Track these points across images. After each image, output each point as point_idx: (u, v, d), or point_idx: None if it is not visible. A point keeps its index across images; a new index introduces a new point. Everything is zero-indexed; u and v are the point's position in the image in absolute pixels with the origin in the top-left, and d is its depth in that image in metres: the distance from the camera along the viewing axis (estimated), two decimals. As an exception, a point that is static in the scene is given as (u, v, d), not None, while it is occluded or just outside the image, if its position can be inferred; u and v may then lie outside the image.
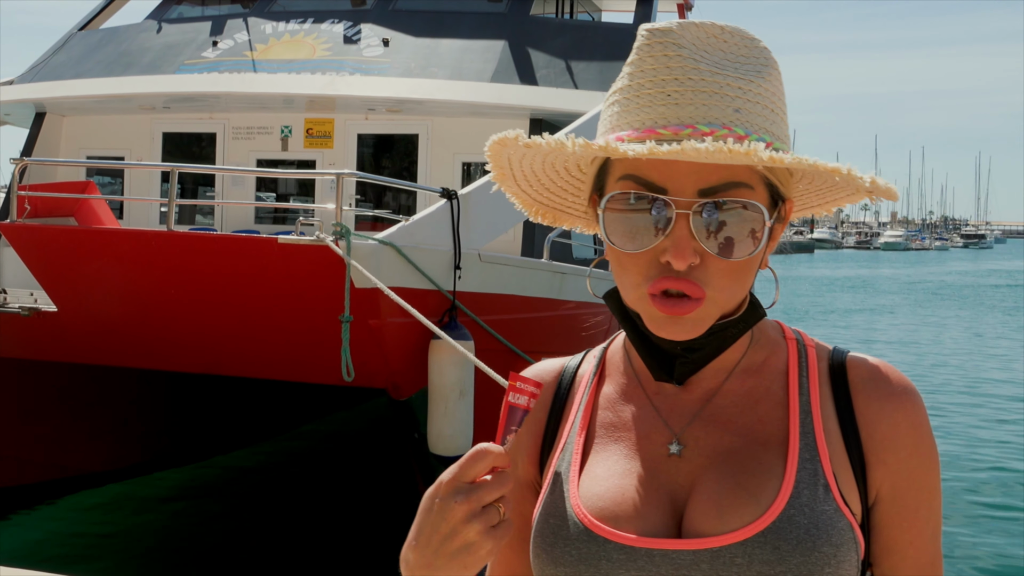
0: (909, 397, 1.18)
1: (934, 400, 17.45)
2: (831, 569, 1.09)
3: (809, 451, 1.14)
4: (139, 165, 11.41)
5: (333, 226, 6.87)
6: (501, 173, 1.24)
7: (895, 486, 1.16)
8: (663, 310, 1.10)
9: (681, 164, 1.08)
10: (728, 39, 1.15)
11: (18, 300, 8.00)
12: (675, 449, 1.18)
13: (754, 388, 1.20)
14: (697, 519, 1.12)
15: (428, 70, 11.41)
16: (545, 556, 1.16)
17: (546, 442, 1.28)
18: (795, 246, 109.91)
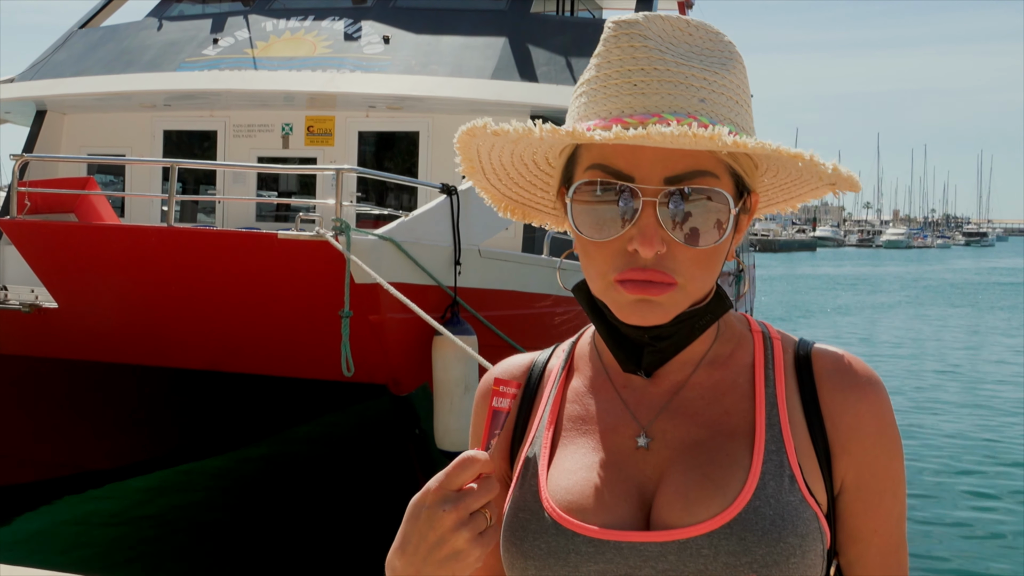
0: (872, 387, 1.19)
1: (936, 396, 17.45)
2: (796, 560, 1.09)
3: (775, 443, 1.15)
4: (138, 161, 11.41)
5: (333, 222, 6.88)
6: (470, 166, 1.25)
7: (860, 475, 1.17)
8: (632, 291, 1.10)
9: (647, 153, 1.10)
10: (693, 32, 1.16)
11: (19, 297, 8.01)
12: (643, 442, 1.18)
13: (721, 380, 1.21)
14: (664, 511, 1.13)
15: (429, 67, 11.40)
16: (515, 549, 1.17)
17: (516, 436, 1.29)
18: (798, 244, 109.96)
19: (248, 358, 7.92)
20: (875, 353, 24.23)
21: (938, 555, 8.91)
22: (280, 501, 10.10)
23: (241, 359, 7.95)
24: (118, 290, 7.50)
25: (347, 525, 9.14)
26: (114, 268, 7.39)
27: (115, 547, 8.61)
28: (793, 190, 1.26)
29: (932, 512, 10.20)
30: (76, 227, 8.04)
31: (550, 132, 1.09)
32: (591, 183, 1.12)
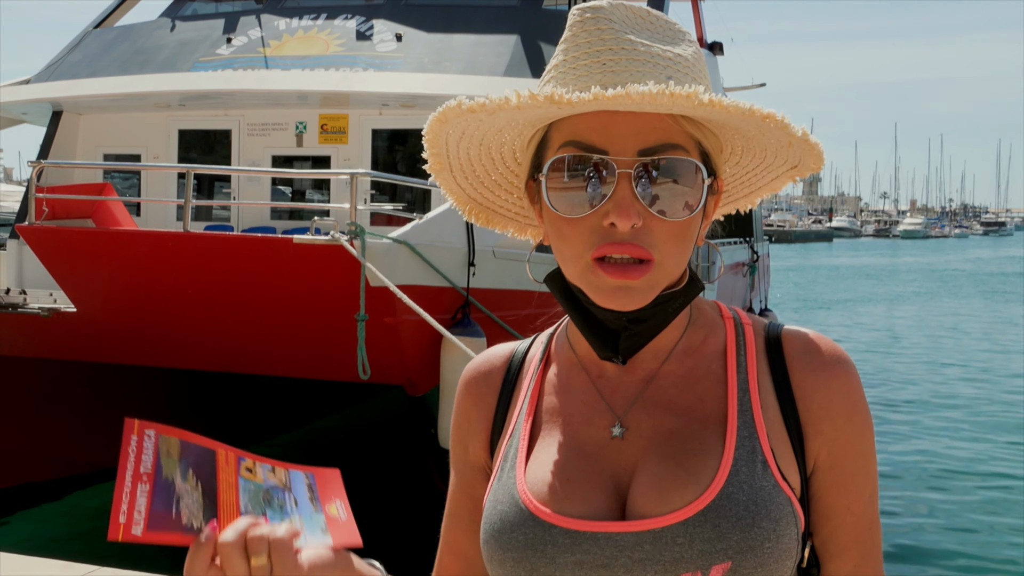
0: (842, 366, 1.19)
1: (951, 389, 17.39)
2: (771, 544, 1.10)
3: (747, 428, 1.16)
4: (155, 167, 11.49)
5: (348, 226, 6.92)
6: (438, 163, 1.24)
7: (832, 454, 1.18)
8: (612, 275, 1.11)
9: (620, 126, 1.11)
10: (654, 21, 1.18)
11: (38, 301, 8.09)
12: (618, 432, 1.19)
13: (693, 368, 1.22)
14: (640, 501, 1.14)
15: (441, 65, 11.42)
16: (493, 542, 1.18)
17: (496, 426, 1.29)
18: (814, 234, 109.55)
19: (264, 360, 7.99)
20: (892, 344, 24.16)
21: (960, 551, 8.93)
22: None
23: (257, 361, 8.02)
24: (136, 294, 7.57)
25: (361, 521, 9.19)
26: (132, 273, 7.46)
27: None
28: (754, 181, 1.28)
29: (945, 507, 10.21)
30: (94, 232, 8.11)
31: (529, 98, 1.08)
32: (566, 159, 1.13)
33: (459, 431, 1.33)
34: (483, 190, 1.30)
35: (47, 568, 5.47)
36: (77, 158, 12.05)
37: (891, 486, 10.93)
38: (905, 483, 11.10)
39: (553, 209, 1.14)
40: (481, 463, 1.30)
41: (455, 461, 1.34)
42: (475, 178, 1.28)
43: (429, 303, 6.95)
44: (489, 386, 1.32)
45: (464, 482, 1.32)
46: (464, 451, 1.32)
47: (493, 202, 1.32)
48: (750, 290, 20.42)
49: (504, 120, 1.17)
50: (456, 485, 1.33)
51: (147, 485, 0.95)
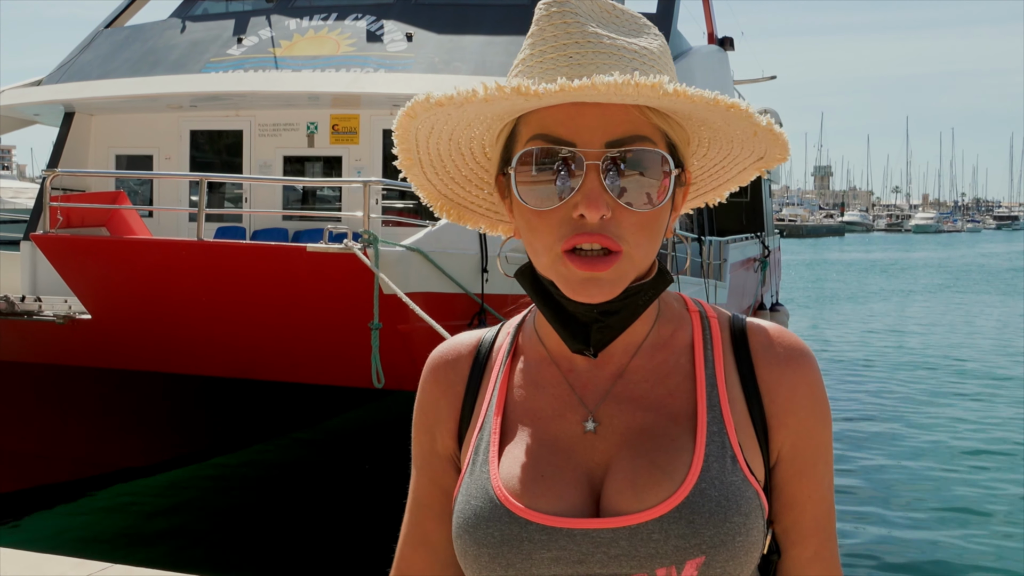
0: (806, 359, 1.22)
1: (960, 387, 17.34)
2: (742, 538, 1.13)
3: (716, 424, 1.18)
4: (170, 175, 11.54)
5: (362, 234, 6.94)
6: (408, 159, 1.25)
7: (795, 445, 1.21)
8: (581, 267, 1.11)
9: (587, 119, 1.11)
10: (620, 16, 1.19)
11: (53, 308, 8.12)
12: (590, 426, 1.19)
13: (663, 363, 1.23)
14: (614, 498, 1.15)
15: (452, 65, 11.41)
16: (468, 537, 1.17)
17: (464, 415, 1.28)
18: (826, 229, 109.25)
19: (278, 367, 8.02)
20: (899, 341, 24.11)
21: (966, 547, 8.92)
22: (303, 498, 10.22)
23: (271, 368, 8.05)
24: (150, 302, 7.60)
25: (369, 522, 9.23)
26: (146, 281, 7.50)
27: (145, 536, 8.76)
28: (722, 174, 1.28)
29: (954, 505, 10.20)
30: (107, 241, 8.14)
31: (496, 90, 1.08)
32: (534, 152, 1.13)
33: (425, 419, 1.31)
34: (454, 186, 1.30)
35: (59, 566, 5.51)
36: (89, 159, 12.09)
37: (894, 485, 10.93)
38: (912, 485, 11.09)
39: (523, 202, 1.15)
40: (449, 453, 1.29)
41: (421, 451, 1.32)
42: (445, 174, 1.28)
43: (443, 310, 6.97)
44: (457, 375, 1.30)
45: (433, 472, 1.30)
46: (432, 440, 1.30)
47: (464, 198, 1.32)
48: (761, 285, 20.39)
49: (473, 114, 1.17)
50: (423, 475, 1.32)
51: None
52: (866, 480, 11.14)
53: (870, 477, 11.27)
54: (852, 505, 10.08)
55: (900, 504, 10.25)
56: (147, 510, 9.71)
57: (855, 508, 10.04)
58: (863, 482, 11.04)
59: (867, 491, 10.67)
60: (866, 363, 19.75)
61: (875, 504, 10.23)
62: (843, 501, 10.25)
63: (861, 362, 19.87)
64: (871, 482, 11.07)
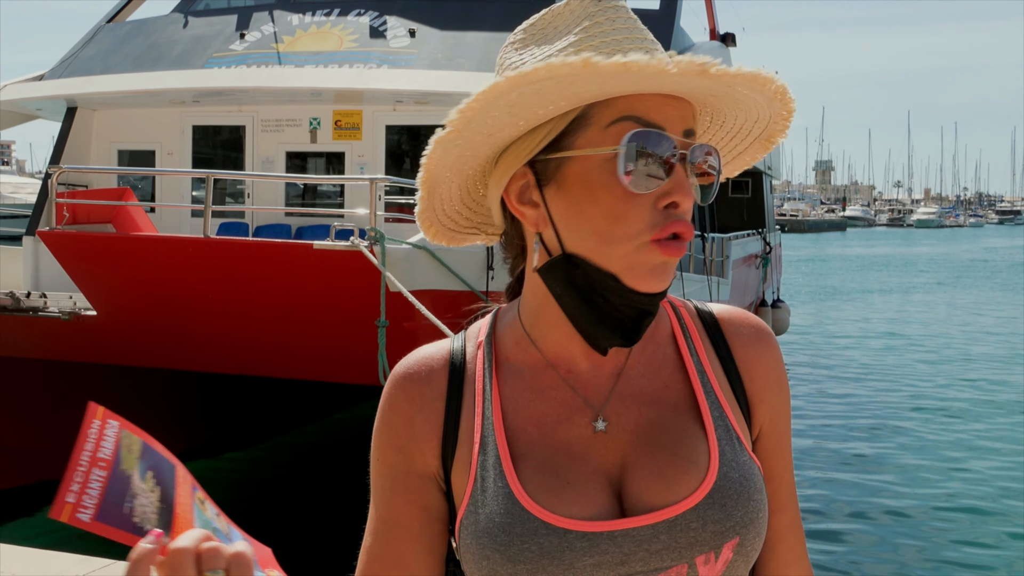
0: (772, 337, 1.29)
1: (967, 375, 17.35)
2: (763, 512, 1.17)
3: (716, 409, 1.21)
4: (175, 172, 11.55)
5: (368, 231, 6.95)
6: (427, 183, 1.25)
7: (773, 420, 1.26)
8: (668, 253, 1.12)
9: (672, 108, 1.13)
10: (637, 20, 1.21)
11: (58, 304, 8.13)
12: (601, 426, 1.19)
13: (653, 356, 1.25)
14: (644, 494, 1.15)
15: (455, 61, 11.41)
16: (499, 557, 1.13)
17: (448, 433, 1.22)
18: (827, 224, 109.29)
19: (284, 363, 8.03)
20: (905, 337, 24.12)
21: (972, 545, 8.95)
22: (307, 494, 10.25)
23: (277, 364, 8.06)
24: (156, 299, 7.61)
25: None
26: (152, 277, 7.51)
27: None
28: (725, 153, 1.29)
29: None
30: (114, 238, 8.15)
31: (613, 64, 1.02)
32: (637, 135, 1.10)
33: (397, 438, 1.23)
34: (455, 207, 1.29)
35: (61, 562, 5.51)
36: (92, 154, 12.08)
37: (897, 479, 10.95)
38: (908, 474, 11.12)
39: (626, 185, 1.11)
40: (431, 472, 1.22)
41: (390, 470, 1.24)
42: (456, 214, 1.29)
43: (449, 308, 6.97)
44: (433, 390, 1.23)
45: (409, 492, 1.23)
46: (407, 459, 1.23)
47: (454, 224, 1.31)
48: (763, 281, 20.40)
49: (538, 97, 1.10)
50: (395, 495, 1.23)
51: (104, 472, 0.89)
52: (867, 475, 11.16)
53: (871, 472, 11.29)
54: (854, 500, 10.10)
55: (901, 500, 10.27)
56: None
57: (857, 504, 10.06)
58: (865, 477, 11.06)
59: (868, 487, 10.69)
60: (868, 358, 19.78)
61: (877, 500, 10.25)
62: (845, 497, 10.27)
63: (863, 357, 19.90)
64: (872, 476, 11.09)
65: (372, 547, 1.25)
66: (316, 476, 11.03)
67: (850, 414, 14.39)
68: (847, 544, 8.90)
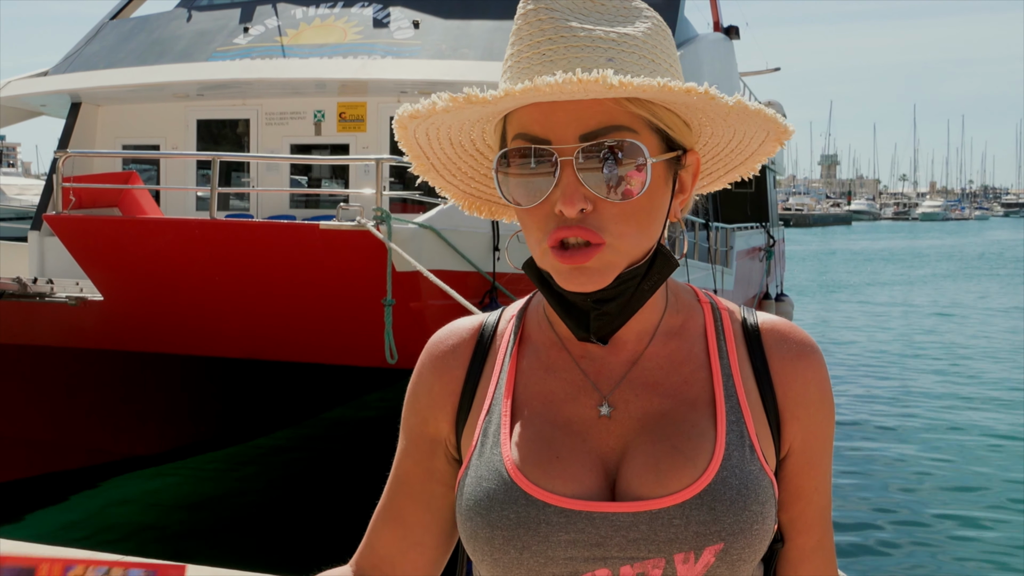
0: (816, 355, 1.26)
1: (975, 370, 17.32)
2: (758, 526, 1.15)
3: (734, 413, 1.20)
4: (180, 155, 11.56)
5: (374, 211, 6.95)
6: (421, 164, 1.27)
7: (805, 439, 1.24)
8: (563, 261, 1.13)
9: (560, 114, 1.12)
10: (604, 4, 1.18)
11: (65, 290, 8.13)
12: (605, 411, 1.20)
13: (677, 350, 1.24)
14: (635, 482, 1.16)
15: (459, 51, 11.42)
16: (480, 519, 1.17)
17: (464, 400, 1.28)
18: (832, 218, 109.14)
19: (291, 347, 8.03)
20: (910, 334, 24.08)
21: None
22: (316, 481, 10.24)
23: (284, 348, 8.06)
24: (163, 282, 7.62)
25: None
26: (159, 261, 7.51)
27: (157, 527, 8.78)
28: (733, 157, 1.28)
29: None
30: (121, 221, 8.16)
31: (449, 101, 1.11)
32: (511, 152, 1.15)
33: (417, 403, 1.31)
34: (472, 183, 1.31)
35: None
36: (96, 149, 12.09)
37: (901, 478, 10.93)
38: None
39: (509, 201, 1.17)
40: (442, 437, 1.29)
41: (408, 431, 1.33)
42: (460, 172, 1.30)
43: (455, 288, 6.97)
44: (456, 360, 1.30)
45: (419, 452, 1.31)
46: (422, 423, 1.31)
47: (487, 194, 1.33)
48: (766, 275, 20.40)
49: (456, 119, 1.20)
50: (406, 454, 1.33)
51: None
52: (871, 470, 11.14)
53: (874, 467, 11.27)
54: (858, 495, 10.07)
55: (904, 498, 10.25)
56: (161, 498, 9.73)
57: (861, 498, 10.04)
58: (868, 472, 11.04)
59: (871, 482, 10.67)
60: (872, 354, 19.75)
61: (880, 496, 10.23)
62: (848, 493, 10.25)
63: (866, 353, 19.87)
64: (876, 472, 11.07)
65: (384, 498, 1.36)
66: (329, 466, 11.03)
67: (855, 408, 14.36)
68: (851, 541, 8.87)
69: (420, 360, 1.33)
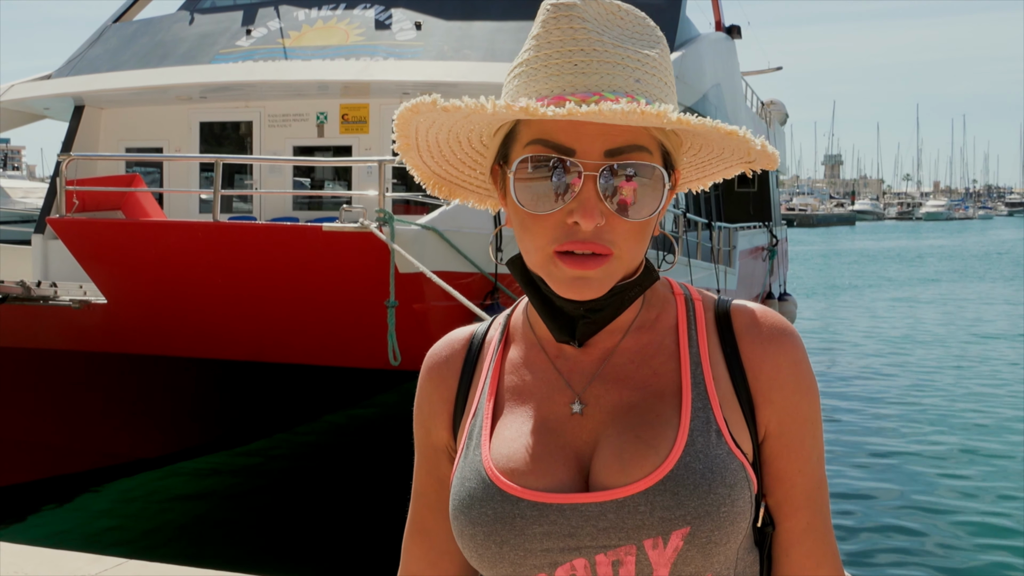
0: (789, 338, 1.26)
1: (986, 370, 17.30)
2: (726, 508, 1.16)
3: (701, 400, 1.21)
4: (183, 157, 11.57)
5: (376, 213, 6.96)
6: (405, 143, 1.28)
7: (781, 422, 1.24)
8: (572, 266, 1.15)
9: (588, 127, 1.14)
10: (624, 16, 1.21)
11: (68, 293, 8.15)
12: (577, 408, 1.24)
13: (648, 344, 1.26)
14: (602, 473, 1.19)
15: (461, 52, 11.43)
16: (463, 517, 1.22)
17: (458, 408, 1.33)
18: (836, 218, 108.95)
19: (295, 348, 8.04)
20: (920, 327, 24.05)
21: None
22: (322, 483, 10.25)
23: (288, 349, 8.07)
24: (167, 285, 7.63)
25: (385, 507, 9.25)
26: (162, 263, 7.53)
27: (161, 529, 8.79)
28: (708, 168, 1.32)
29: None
30: (124, 224, 8.17)
31: (505, 108, 1.13)
32: (534, 158, 1.16)
33: (420, 414, 1.37)
34: (447, 167, 1.33)
35: (74, 561, 5.52)
36: (99, 152, 12.11)
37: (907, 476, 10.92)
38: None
39: (519, 204, 1.18)
40: (443, 444, 1.34)
41: (418, 443, 1.38)
42: (440, 156, 1.31)
43: (457, 289, 6.98)
44: (450, 369, 1.35)
45: (428, 463, 1.36)
46: (427, 433, 1.36)
47: (456, 176, 1.35)
48: (769, 275, 20.39)
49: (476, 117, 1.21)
50: (420, 466, 1.38)
51: None
52: (873, 470, 11.13)
53: (877, 467, 11.27)
54: (861, 495, 10.06)
55: (907, 496, 10.24)
56: (165, 499, 9.74)
57: (864, 498, 10.03)
58: (870, 472, 11.03)
59: (874, 482, 10.66)
60: (876, 352, 19.73)
61: (883, 495, 10.22)
62: (853, 492, 10.25)
63: (871, 351, 19.86)
64: (879, 471, 11.06)
65: (409, 513, 1.41)
66: (334, 468, 11.03)
67: (858, 408, 14.34)
68: (856, 541, 8.86)
69: (420, 373, 1.39)
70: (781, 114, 25.77)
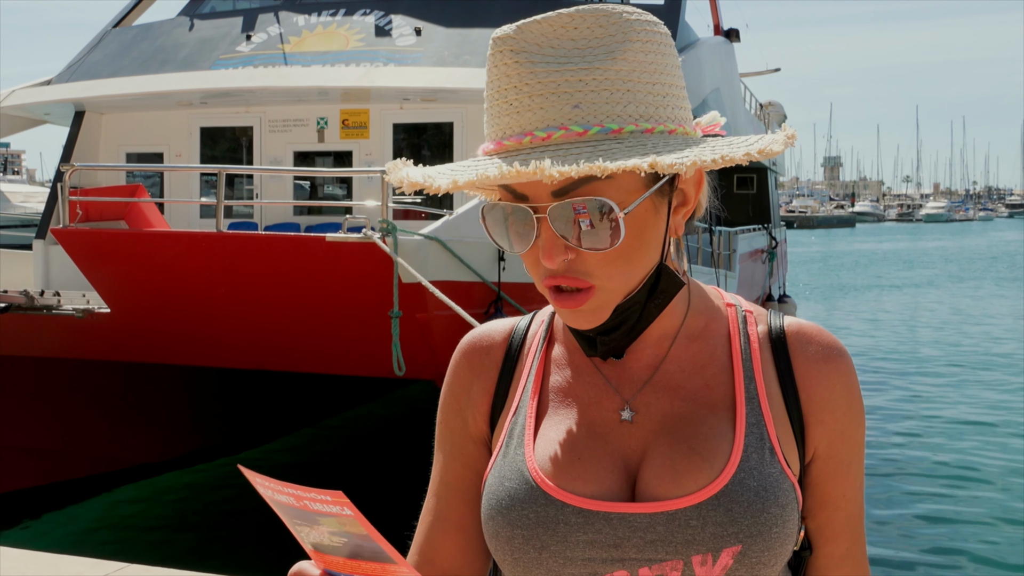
0: (843, 359, 1.24)
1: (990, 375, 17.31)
2: (778, 529, 1.14)
3: (755, 416, 1.19)
4: (186, 168, 11.59)
5: (380, 223, 6.98)
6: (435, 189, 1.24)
7: (831, 444, 1.22)
8: (558, 304, 1.15)
9: None
10: (579, 25, 1.14)
11: (72, 302, 8.16)
12: (627, 415, 1.21)
13: (699, 353, 1.24)
14: (652, 483, 1.16)
15: (461, 58, 11.44)
16: (501, 518, 1.19)
17: (497, 400, 1.30)
18: (836, 220, 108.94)
19: (297, 358, 8.06)
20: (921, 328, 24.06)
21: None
22: (319, 482, 10.25)
23: (290, 359, 8.09)
24: (170, 294, 7.65)
25: (387, 513, 9.26)
26: (166, 273, 7.54)
27: (162, 535, 8.80)
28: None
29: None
30: (127, 234, 8.19)
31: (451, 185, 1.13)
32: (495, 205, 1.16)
33: (456, 403, 1.32)
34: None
35: (75, 566, 5.54)
36: (100, 157, 12.13)
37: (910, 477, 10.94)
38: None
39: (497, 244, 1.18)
40: (483, 436, 1.30)
41: (451, 433, 1.33)
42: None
43: (460, 299, 7.00)
44: (491, 360, 1.32)
45: (465, 455, 1.32)
46: (463, 424, 1.32)
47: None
48: (769, 276, 20.41)
49: None
50: (454, 458, 1.33)
51: None
52: (881, 472, 11.15)
53: (881, 468, 11.29)
54: (871, 498, 10.08)
55: (907, 496, 10.26)
56: (167, 504, 9.76)
57: (874, 501, 10.06)
58: (879, 474, 11.06)
59: (883, 485, 10.69)
60: (877, 354, 19.75)
61: (888, 496, 10.24)
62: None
63: (871, 353, 19.88)
64: (885, 474, 11.08)
65: (436, 508, 1.33)
66: (329, 470, 11.05)
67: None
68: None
69: (455, 361, 1.34)
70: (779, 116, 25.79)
